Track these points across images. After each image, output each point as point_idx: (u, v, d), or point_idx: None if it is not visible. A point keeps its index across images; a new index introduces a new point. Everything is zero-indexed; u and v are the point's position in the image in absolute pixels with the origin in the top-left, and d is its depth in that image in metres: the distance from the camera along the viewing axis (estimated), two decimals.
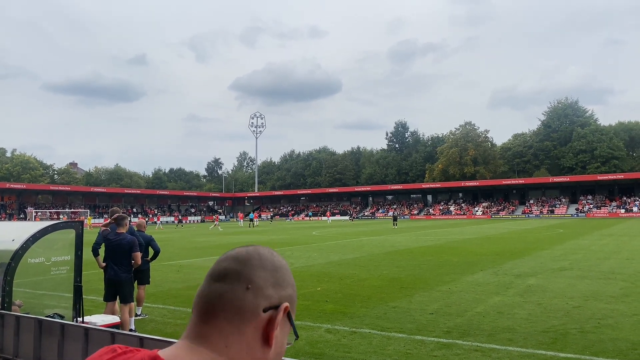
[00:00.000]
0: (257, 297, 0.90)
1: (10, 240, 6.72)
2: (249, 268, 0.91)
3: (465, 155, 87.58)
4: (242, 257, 0.93)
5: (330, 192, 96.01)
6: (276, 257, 0.97)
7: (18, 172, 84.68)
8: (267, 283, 0.92)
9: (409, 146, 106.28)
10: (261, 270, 0.92)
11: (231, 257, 0.94)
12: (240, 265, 0.91)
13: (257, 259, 0.93)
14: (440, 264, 16.23)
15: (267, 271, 0.93)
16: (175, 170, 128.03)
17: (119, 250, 7.62)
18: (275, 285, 0.93)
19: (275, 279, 0.93)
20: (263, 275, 0.92)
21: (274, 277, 0.93)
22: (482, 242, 25.75)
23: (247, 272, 0.91)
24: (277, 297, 0.92)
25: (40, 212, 68.76)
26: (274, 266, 0.94)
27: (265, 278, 0.92)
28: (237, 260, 0.92)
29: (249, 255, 0.94)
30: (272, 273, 0.93)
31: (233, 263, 0.92)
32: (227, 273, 0.91)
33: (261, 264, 0.93)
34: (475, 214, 78.60)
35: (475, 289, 11.48)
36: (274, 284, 0.93)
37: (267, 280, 0.92)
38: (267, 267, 0.93)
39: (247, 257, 0.93)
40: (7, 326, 6.01)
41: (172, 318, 9.15)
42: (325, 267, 16.15)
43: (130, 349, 0.88)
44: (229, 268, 0.91)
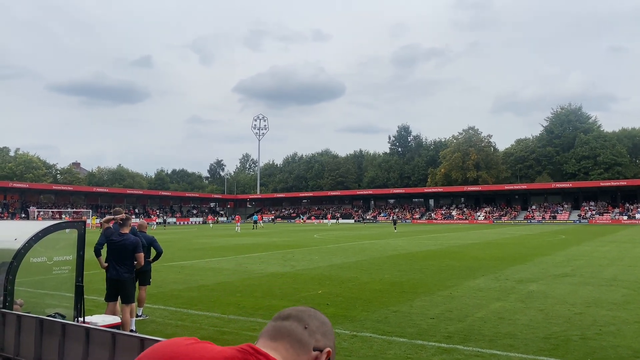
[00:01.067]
0: (310, 336, 1.20)
1: (13, 239, 6.73)
2: (306, 316, 1.24)
3: (467, 160, 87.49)
4: (301, 309, 1.26)
5: (332, 195, 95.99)
6: (322, 315, 1.28)
7: (21, 171, 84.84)
8: (318, 329, 1.22)
9: (411, 150, 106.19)
10: (314, 319, 1.24)
11: (293, 308, 1.26)
12: (300, 313, 1.24)
13: (312, 312, 1.25)
14: (442, 269, 16.20)
15: (318, 321, 1.24)
16: (178, 172, 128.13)
17: (123, 251, 7.63)
18: (323, 334, 1.23)
19: (324, 330, 1.23)
20: (315, 323, 1.23)
21: (323, 328, 1.24)
22: (484, 247, 25.70)
23: (304, 317, 1.23)
24: (323, 343, 1.21)
25: (43, 212, 68.89)
26: (322, 321, 1.26)
27: (317, 325, 1.23)
28: (298, 310, 1.25)
29: (306, 308, 1.27)
30: (321, 324, 1.24)
31: (294, 311, 1.25)
32: (290, 315, 1.23)
33: (315, 315, 1.25)
34: (477, 218, 78.47)
35: (477, 294, 11.45)
36: (322, 332, 1.23)
37: (318, 328, 1.23)
38: (318, 318, 1.25)
39: (305, 310, 1.26)
40: (9, 325, 6.02)
41: (173, 319, 9.15)
42: (326, 270, 16.14)
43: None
44: (292, 313, 1.23)
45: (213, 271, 16.08)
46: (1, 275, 6.64)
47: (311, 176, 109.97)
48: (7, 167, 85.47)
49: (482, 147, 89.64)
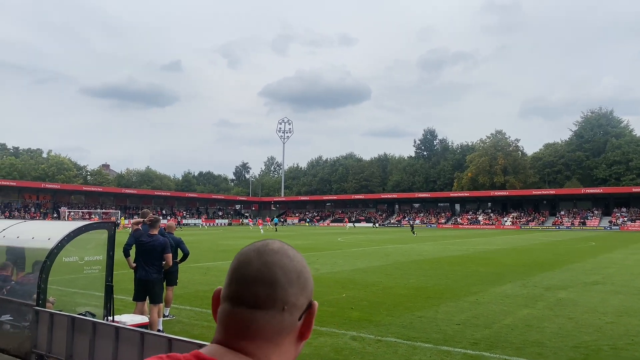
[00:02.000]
0: (292, 313, 0.92)
1: (46, 239, 6.92)
2: (281, 289, 0.91)
3: (495, 164, 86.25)
4: (268, 277, 0.91)
5: (356, 198, 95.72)
6: (294, 259, 0.96)
7: (53, 172, 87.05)
8: (298, 295, 0.93)
9: (437, 154, 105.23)
10: (291, 286, 0.92)
11: (257, 279, 0.91)
12: (271, 289, 0.90)
13: (284, 275, 0.92)
14: (468, 274, 16.00)
15: (295, 284, 0.93)
16: (204, 174, 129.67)
17: (152, 252, 7.77)
18: (303, 291, 0.94)
19: (301, 286, 0.94)
20: (294, 291, 0.92)
21: (300, 285, 0.94)
22: (511, 253, 25.29)
23: (280, 294, 0.90)
24: (306, 301, 0.95)
25: (73, 212, 70.51)
26: (297, 274, 0.94)
27: (296, 292, 0.92)
28: (265, 282, 0.90)
29: (274, 273, 0.91)
30: (298, 283, 0.93)
31: (262, 287, 0.90)
32: (259, 299, 0.90)
33: (289, 279, 0.92)
34: (504, 224, 77.24)
35: (504, 300, 11.28)
36: (302, 291, 0.94)
37: (297, 293, 0.93)
38: (293, 279, 0.93)
39: (274, 277, 0.91)
40: (42, 322, 6.18)
41: (199, 320, 9.26)
42: (350, 274, 16.11)
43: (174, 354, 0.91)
44: (261, 294, 0.90)
45: None
46: (35, 274, 6.83)
47: (335, 179, 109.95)
48: (40, 168, 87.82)
49: (510, 151, 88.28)
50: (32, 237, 7.65)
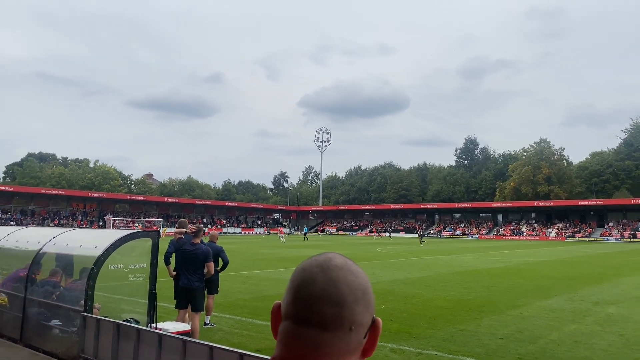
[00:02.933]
0: (359, 332, 0.89)
1: (94, 247, 7.15)
2: (348, 309, 0.88)
3: (538, 173, 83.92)
4: (335, 296, 0.88)
5: (395, 208, 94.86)
6: (359, 275, 0.92)
7: (99, 182, 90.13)
8: (364, 313, 0.90)
9: (478, 163, 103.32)
10: (357, 304, 0.89)
11: (324, 298, 0.87)
12: (338, 308, 0.87)
13: (350, 293, 0.89)
14: (511, 287, 15.58)
15: (361, 302, 0.90)
16: (244, 183, 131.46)
17: (195, 260, 7.91)
18: (368, 308, 0.91)
19: (367, 303, 0.91)
20: (360, 309, 0.89)
21: (366, 302, 0.91)
22: (556, 266, 24.48)
23: (347, 314, 0.87)
24: (371, 317, 0.92)
25: (118, 220, 72.66)
26: (363, 291, 0.91)
27: (363, 311, 0.90)
28: (332, 302, 0.87)
29: (341, 292, 0.88)
30: (364, 300, 0.90)
31: (329, 307, 0.87)
32: (326, 319, 0.87)
33: (355, 297, 0.89)
34: (549, 235, 74.88)
35: (549, 315, 10.91)
36: (367, 308, 0.91)
37: (363, 311, 0.90)
38: (359, 297, 0.90)
39: (341, 296, 0.88)
40: (89, 328, 6.37)
41: (239, 328, 9.34)
42: (389, 285, 15.94)
43: None
44: (328, 314, 0.87)
45: (276, 282, 16.30)
46: (83, 281, 7.06)
47: (373, 189, 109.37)
48: (87, 177, 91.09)
49: (554, 160, 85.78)
50: (80, 245, 7.92)
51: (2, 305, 8.60)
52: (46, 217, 70.53)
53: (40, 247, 8.19)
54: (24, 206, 72.06)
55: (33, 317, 7.74)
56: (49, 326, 7.48)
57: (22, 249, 8.98)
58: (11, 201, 71.46)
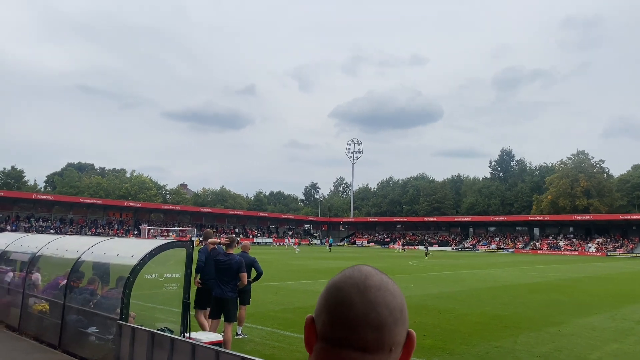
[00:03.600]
0: (397, 350, 0.89)
1: (130, 256, 7.30)
2: (388, 332, 0.88)
3: (576, 186, 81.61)
4: (375, 321, 0.87)
5: (428, 220, 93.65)
6: (396, 293, 0.91)
7: (135, 191, 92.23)
8: (402, 333, 0.90)
9: (514, 175, 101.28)
10: (396, 325, 0.89)
11: (364, 323, 0.87)
12: (379, 332, 0.87)
13: (390, 315, 0.88)
14: (549, 303, 15.12)
15: (399, 322, 0.89)
16: (275, 194, 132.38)
17: (228, 270, 7.97)
18: (404, 325, 0.91)
19: (404, 321, 0.91)
20: (399, 329, 0.89)
21: (403, 320, 0.91)
22: (597, 282, 23.67)
23: (387, 336, 0.87)
24: (405, 332, 0.92)
25: (153, 229, 74.06)
26: (400, 310, 0.90)
27: (401, 331, 0.90)
28: (373, 326, 0.87)
29: (381, 315, 0.88)
30: (401, 319, 0.90)
31: (370, 331, 0.87)
32: (367, 343, 0.86)
33: (394, 318, 0.89)
34: (588, 250, 72.53)
35: (590, 333, 10.53)
36: (404, 326, 0.91)
37: (402, 331, 0.90)
38: (398, 317, 0.89)
39: (382, 320, 0.87)
40: (125, 336, 6.48)
41: (270, 340, 9.33)
42: (422, 299, 15.69)
43: None
44: (369, 338, 0.86)
45: (308, 293, 16.27)
46: (119, 289, 7.19)
47: (406, 201, 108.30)
48: (123, 187, 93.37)
49: (593, 173, 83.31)
50: (117, 254, 8.09)
51: (42, 312, 8.85)
52: (84, 226, 72.51)
53: (79, 256, 8.41)
54: (63, 215, 74.28)
55: (71, 323, 7.93)
56: (86, 333, 7.64)
57: (61, 257, 9.24)
58: (51, 210, 73.80)
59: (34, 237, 11.90)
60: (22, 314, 9.29)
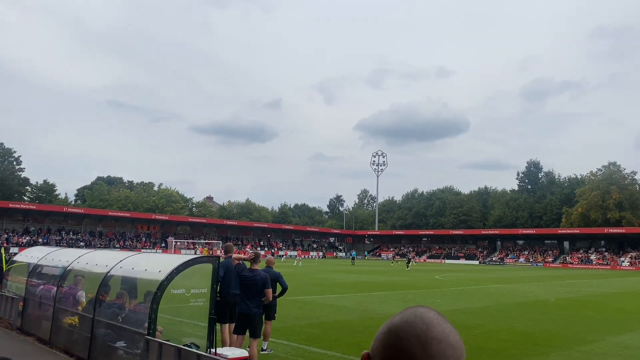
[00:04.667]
0: None
1: (157, 272, 7.40)
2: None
3: (608, 198, 79.57)
4: (428, 353, 0.87)
5: (454, 234, 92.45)
6: (457, 346, 0.91)
7: (162, 204, 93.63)
8: None
9: (542, 187, 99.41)
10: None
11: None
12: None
13: (441, 349, 0.88)
14: (580, 320, 14.73)
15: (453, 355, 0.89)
16: (300, 206, 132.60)
17: (253, 286, 8.01)
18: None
19: (458, 356, 0.90)
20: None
21: (456, 354, 0.90)
22: (630, 298, 22.95)
23: None
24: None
25: (179, 242, 74.91)
26: (454, 346, 0.90)
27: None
28: None
29: (431, 342, 0.88)
30: (453, 351, 0.90)
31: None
32: None
33: (446, 350, 0.88)
34: (621, 264, 70.45)
35: (624, 352, 10.21)
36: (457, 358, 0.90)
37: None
38: (452, 352, 0.89)
39: (433, 351, 0.88)
40: (152, 351, 6.55)
41: (295, 355, 9.31)
42: (450, 314, 15.43)
43: None
44: None
45: (333, 308, 16.19)
46: (146, 304, 7.29)
47: (431, 214, 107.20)
48: (151, 200, 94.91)
49: (626, 184, 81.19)
50: (145, 269, 8.21)
51: (72, 325, 9.02)
52: (112, 239, 73.80)
53: (108, 270, 8.56)
54: (92, 228, 75.78)
55: (100, 337, 8.06)
56: (114, 347, 7.75)
57: (91, 271, 9.42)
58: (81, 223, 75.38)
59: (65, 251, 12.18)
60: (52, 327, 9.48)
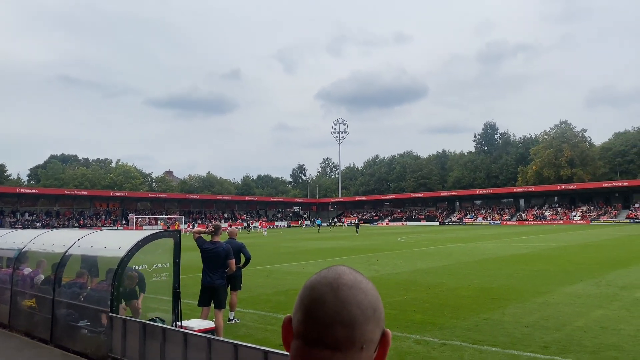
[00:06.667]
0: (370, 349, 0.90)
1: (117, 248, 7.27)
2: (359, 329, 0.88)
3: (560, 156, 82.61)
4: (346, 318, 0.88)
5: (415, 197, 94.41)
6: (369, 292, 0.92)
7: (121, 181, 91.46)
8: (375, 331, 0.90)
9: (498, 148, 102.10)
10: (368, 323, 0.89)
11: (335, 320, 0.88)
12: (350, 330, 0.87)
13: (362, 314, 0.89)
14: (535, 274, 15.41)
15: (372, 320, 0.90)
16: (263, 177, 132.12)
17: (215, 258, 7.99)
18: (378, 324, 0.91)
19: (377, 320, 0.91)
20: (371, 327, 0.89)
21: (376, 319, 0.91)
22: (581, 250, 24.13)
23: (358, 334, 0.88)
24: (381, 331, 0.92)
25: (140, 218, 73.67)
26: (373, 309, 0.91)
27: (373, 329, 0.90)
28: (343, 323, 0.87)
29: (352, 313, 0.88)
30: (374, 318, 0.90)
31: (341, 328, 0.87)
32: (338, 341, 0.87)
33: (366, 317, 0.89)
34: (573, 219, 73.79)
35: (575, 301, 10.77)
36: (377, 325, 0.91)
37: (374, 329, 0.90)
38: (370, 315, 0.90)
39: (352, 317, 0.88)
40: (116, 328, 6.50)
41: (263, 323, 9.42)
42: (411, 275, 15.90)
43: None
44: (339, 335, 0.87)
45: (298, 275, 16.38)
46: (108, 281, 7.19)
47: (392, 178, 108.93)
48: (109, 177, 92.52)
49: (576, 142, 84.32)
50: (104, 246, 8.06)
51: (32, 307, 8.82)
52: (71, 218, 71.88)
53: (66, 250, 8.36)
54: (49, 207, 73.52)
55: (62, 318, 7.92)
56: (77, 327, 7.65)
57: (48, 252, 9.17)
58: (36, 203, 72.99)
59: (19, 233, 11.80)
60: (11, 310, 9.25)
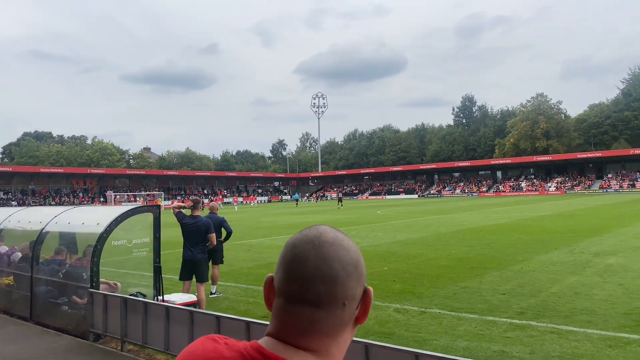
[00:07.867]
0: (351, 305, 0.90)
1: (95, 224, 7.19)
2: (341, 285, 0.88)
3: (536, 128, 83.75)
4: (327, 274, 0.88)
5: (394, 170, 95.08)
6: (350, 249, 0.92)
7: (97, 158, 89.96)
8: (356, 287, 0.91)
9: (476, 121, 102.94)
10: (349, 279, 0.89)
11: (316, 277, 0.88)
12: (331, 286, 0.88)
13: (343, 270, 0.89)
14: (512, 243, 15.75)
15: (353, 277, 0.90)
16: (242, 152, 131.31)
17: (196, 232, 7.98)
18: (359, 281, 0.92)
19: (358, 276, 0.91)
20: (352, 284, 0.90)
21: (357, 275, 0.91)
22: (556, 220, 24.70)
23: (340, 290, 0.88)
24: (362, 288, 0.93)
25: (119, 195, 72.89)
26: (354, 265, 0.91)
27: (355, 285, 0.90)
28: (325, 280, 0.87)
29: (333, 269, 0.88)
30: (355, 274, 0.91)
31: (322, 285, 0.87)
32: (320, 297, 0.87)
33: (347, 273, 0.89)
34: (548, 190, 75.29)
35: (550, 268, 11.07)
36: (358, 281, 0.91)
37: (356, 286, 0.90)
38: (351, 272, 0.90)
39: (334, 273, 0.88)
40: (97, 304, 6.47)
41: (245, 296, 9.48)
42: (391, 246, 16.11)
43: (230, 340, 0.93)
44: (321, 292, 0.87)
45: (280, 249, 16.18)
46: (87, 257, 7.12)
47: (372, 152, 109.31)
48: (85, 154, 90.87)
49: (552, 114, 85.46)
50: (82, 222, 7.96)
51: (10, 285, 8.72)
52: (47, 196, 70.72)
53: (43, 227, 8.24)
54: (24, 186, 72.14)
55: (41, 295, 7.85)
56: (57, 303, 7.59)
57: (25, 229, 9.03)
58: (11, 181, 71.52)
59: None
60: None
